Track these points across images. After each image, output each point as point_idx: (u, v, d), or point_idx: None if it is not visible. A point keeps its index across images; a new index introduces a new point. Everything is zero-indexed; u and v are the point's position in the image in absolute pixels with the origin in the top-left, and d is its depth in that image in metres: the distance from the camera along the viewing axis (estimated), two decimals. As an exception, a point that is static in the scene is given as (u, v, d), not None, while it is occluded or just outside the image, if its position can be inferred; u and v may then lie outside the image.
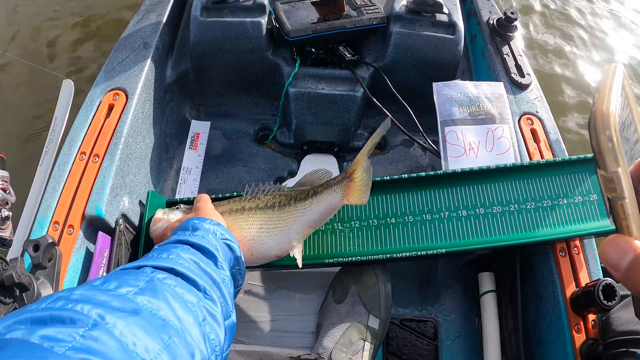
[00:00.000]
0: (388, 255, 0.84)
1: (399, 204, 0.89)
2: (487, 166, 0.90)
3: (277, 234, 0.82)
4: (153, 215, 0.87)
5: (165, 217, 0.85)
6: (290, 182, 1.14)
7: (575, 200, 0.87)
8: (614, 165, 0.35)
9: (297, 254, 0.82)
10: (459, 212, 0.87)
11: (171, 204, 0.92)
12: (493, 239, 0.85)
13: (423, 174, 0.89)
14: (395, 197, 0.90)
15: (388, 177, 0.90)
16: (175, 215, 0.85)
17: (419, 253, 0.84)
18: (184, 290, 0.52)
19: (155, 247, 0.63)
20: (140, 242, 0.86)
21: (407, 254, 0.84)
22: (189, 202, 0.92)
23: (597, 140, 0.35)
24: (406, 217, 0.88)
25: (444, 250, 0.84)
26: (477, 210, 0.87)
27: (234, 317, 0.60)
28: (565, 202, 0.86)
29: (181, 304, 0.49)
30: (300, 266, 0.81)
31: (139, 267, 0.55)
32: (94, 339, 0.38)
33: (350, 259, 0.85)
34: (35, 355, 0.34)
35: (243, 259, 0.70)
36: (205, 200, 0.83)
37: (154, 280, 0.50)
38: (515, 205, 0.87)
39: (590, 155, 0.89)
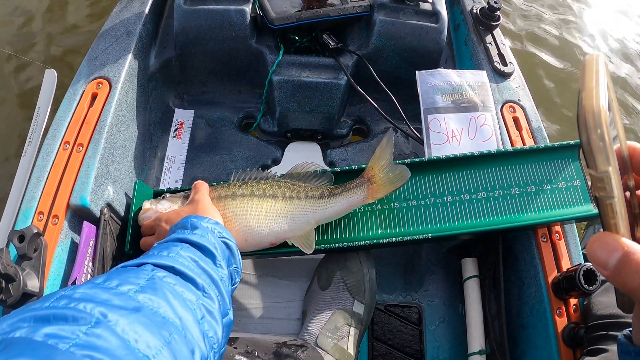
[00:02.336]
0: (374, 241, 0.85)
1: None
2: (472, 153, 0.91)
3: (279, 223, 0.82)
4: (140, 206, 0.87)
5: (153, 207, 0.85)
6: (276, 170, 1.14)
7: (559, 186, 0.88)
8: (604, 165, 0.35)
9: (303, 241, 0.83)
10: (444, 198, 0.88)
11: (158, 194, 0.92)
12: (478, 223, 0.86)
13: (408, 160, 0.90)
14: None
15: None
16: (162, 205, 0.85)
17: (405, 238, 0.85)
18: (183, 289, 0.53)
19: (155, 244, 0.64)
20: (127, 231, 0.85)
21: (393, 239, 0.85)
22: (175, 191, 0.91)
23: (589, 139, 0.34)
24: (392, 204, 0.88)
25: (429, 235, 0.85)
26: (462, 196, 0.88)
27: (231, 315, 0.61)
28: (549, 187, 0.87)
29: (181, 302, 0.50)
30: (308, 253, 0.82)
31: (139, 265, 0.55)
32: (97, 336, 0.38)
33: (335, 245, 0.85)
34: (40, 353, 0.35)
35: (240, 257, 0.71)
36: (203, 192, 0.82)
37: (155, 278, 0.51)
38: (500, 191, 0.88)
39: (572, 142, 0.91)
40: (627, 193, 0.40)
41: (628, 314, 0.44)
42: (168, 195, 0.89)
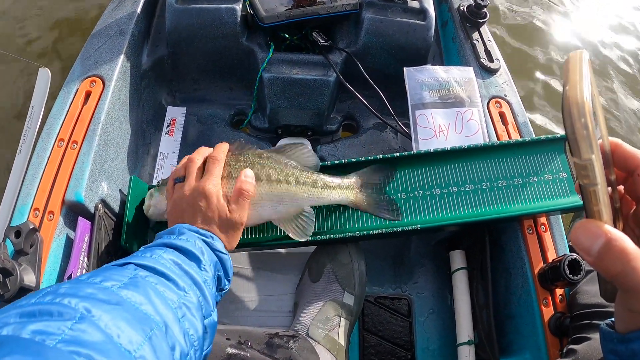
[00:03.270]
0: (364, 232, 0.86)
1: None
2: (459, 146, 0.92)
3: (264, 207, 0.82)
4: (138, 201, 0.88)
5: (154, 197, 0.86)
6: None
7: (545, 178, 0.89)
8: (588, 153, 0.36)
9: (294, 227, 0.83)
10: (433, 190, 0.89)
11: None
12: (465, 215, 0.87)
13: (397, 154, 0.91)
14: None
15: (363, 158, 0.92)
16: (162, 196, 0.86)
17: (394, 229, 0.86)
18: (164, 289, 0.54)
19: (142, 247, 0.66)
20: (123, 225, 0.86)
21: (383, 230, 0.86)
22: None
23: (573, 128, 0.35)
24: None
25: (418, 227, 0.86)
26: (450, 188, 0.89)
27: (214, 317, 0.62)
28: (536, 180, 0.88)
29: (162, 301, 0.52)
30: (302, 240, 0.82)
31: (123, 265, 0.57)
32: (82, 331, 0.40)
33: (326, 237, 0.87)
34: (29, 351, 0.36)
35: (230, 264, 0.72)
36: (214, 181, 0.77)
37: (137, 277, 0.53)
38: (487, 183, 0.89)
39: (558, 135, 0.92)
40: (609, 188, 0.41)
41: (610, 302, 0.45)
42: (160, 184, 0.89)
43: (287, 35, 1.16)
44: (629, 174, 0.45)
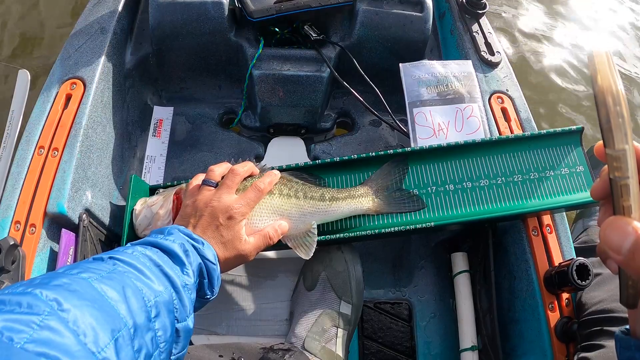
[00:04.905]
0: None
1: None
2: (473, 140, 0.90)
3: (274, 220, 0.80)
4: (135, 206, 0.84)
5: (145, 206, 0.83)
6: (267, 163, 1.11)
7: (562, 172, 0.88)
8: (622, 143, 0.35)
9: (301, 244, 0.81)
10: (446, 186, 0.87)
11: (154, 189, 0.90)
12: (483, 211, 0.85)
13: (409, 149, 0.90)
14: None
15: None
16: (152, 199, 0.84)
17: (408, 227, 0.84)
18: (143, 285, 0.53)
19: (129, 244, 0.64)
20: (123, 228, 0.83)
21: (395, 229, 0.84)
22: (172, 185, 0.89)
23: (608, 117, 0.35)
24: None
25: (432, 224, 0.84)
26: (464, 184, 0.87)
27: (189, 323, 0.60)
28: (552, 174, 0.87)
29: (136, 299, 0.51)
30: (305, 258, 0.80)
31: (103, 258, 0.57)
32: (50, 329, 0.40)
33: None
34: None
35: (217, 276, 0.69)
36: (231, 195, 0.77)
37: (116, 271, 0.53)
38: (502, 178, 0.87)
39: (574, 127, 0.91)
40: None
41: (632, 308, 0.43)
42: (161, 190, 0.87)
43: (277, 30, 1.11)
44: None
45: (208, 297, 0.68)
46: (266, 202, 0.80)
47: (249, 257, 0.76)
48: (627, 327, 0.43)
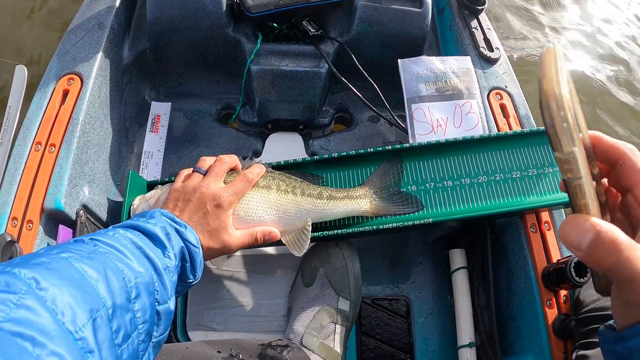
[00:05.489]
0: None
1: None
2: (472, 136, 0.90)
3: (270, 215, 0.80)
4: (133, 200, 0.84)
5: (143, 201, 0.83)
6: (262, 159, 1.11)
7: (555, 170, 0.88)
8: (569, 145, 0.36)
9: (294, 241, 0.81)
10: (445, 182, 0.87)
11: (151, 185, 0.89)
12: (481, 207, 0.85)
13: (407, 145, 0.90)
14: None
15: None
16: (150, 194, 0.84)
17: (406, 224, 0.84)
18: (123, 266, 0.53)
19: (110, 227, 0.63)
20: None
21: (393, 225, 0.84)
22: (170, 181, 0.88)
23: (552, 121, 0.35)
24: None
25: (431, 220, 0.84)
26: (462, 180, 0.87)
27: (171, 305, 0.60)
28: (551, 170, 0.87)
29: (117, 279, 0.50)
30: (297, 255, 0.80)
31: (83, 240, 0.56)
32: (27, 308, 0.39)
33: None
34: None
35: (199, 259, 0.69)
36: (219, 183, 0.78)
37: (97, 252, 0.52)
38: (501, 174, 0.87)
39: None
40: (594, 182, 0.40)
41: (606, 296, 0.44)
42: (159, 186, 0.86)
43: (275, 25, 1.10)
44: (611, 167, 0.46)
45: (190, 281, 0.68)
46: (263, 197, 0.80)
47: (231, 250, 0.76)
48: (613, 321, 0.43)
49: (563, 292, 0.85)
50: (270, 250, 0.99)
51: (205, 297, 0.96)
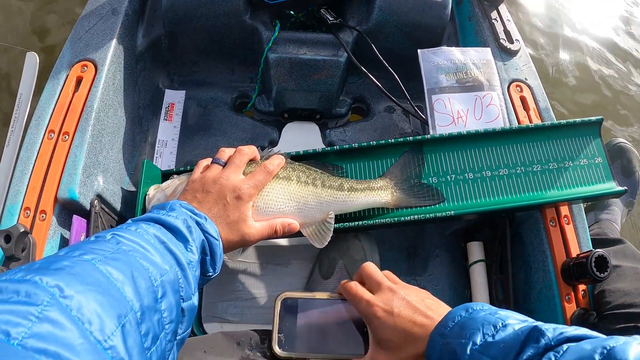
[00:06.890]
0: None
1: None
2: (493, 128, 0.89)
3: (290, 207, 0.79)
4: (148, 189, 0.83)
5: (159, 190, 0.82)
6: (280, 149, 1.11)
7: (581, 163, 0.88)
8: None
9: (316, 233, 0.80)
10: (465, 174, 0.87)
11: (167, 175, 0.88)
12: (502, 200, 0.85)
13: (419, 137, 0.89)
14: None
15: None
16: (166, 184, 0.82)
17: (427, 216, 0.83)
18: (149, 264, 0.51)
19: (129, 220, 0.62)
20: (136, 214, 0.81)
21: (414, 217, 0.83)
22: (185, 171, 0.87)
23: None
24: None
25: (452, 213, 0.83)
26: (483, 172, 0.87)
27: (194, 300, 0.59)
28: (571, 164, 0.88)
29: (143, 279, 0.48)
30: (319, 247, 0.79)
31: (105, 237, 0.54)
32: (50, 321, 0.37)
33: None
34: None
35: (219, 252, 0.68)
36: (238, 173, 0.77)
37: (120, 251, 0.50)
38: (522, 167, 0.87)
39: (594, 118, 0.90)
40: None
41: None
42: (175, 176, 0.85)
43: (292, 12, 1.09)
44: None
45: (210, 274, 0.67)
46: (284, 188, 0.79)
47: (250, 242, 0.75)
48: None
49: (581, 287, 0.84)
50: (285, 242, 0.98)
51: (220, 288, 0.95)
